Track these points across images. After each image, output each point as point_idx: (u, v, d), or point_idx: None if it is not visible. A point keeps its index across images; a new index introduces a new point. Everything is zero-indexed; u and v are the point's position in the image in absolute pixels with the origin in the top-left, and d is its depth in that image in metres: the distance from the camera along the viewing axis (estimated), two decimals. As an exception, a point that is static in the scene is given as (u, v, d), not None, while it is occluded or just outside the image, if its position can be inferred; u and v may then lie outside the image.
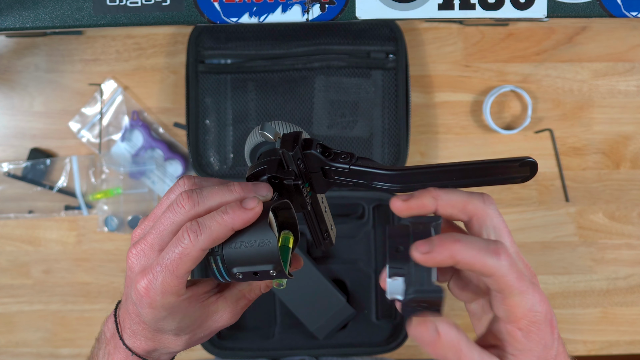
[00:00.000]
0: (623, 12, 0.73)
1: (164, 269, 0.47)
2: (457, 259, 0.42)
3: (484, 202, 0.45)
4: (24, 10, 0.71)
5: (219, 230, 0.46)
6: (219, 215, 0.47)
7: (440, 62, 1.00)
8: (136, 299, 0.49)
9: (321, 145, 0.50)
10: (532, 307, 0.43)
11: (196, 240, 0.46)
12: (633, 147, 1.01)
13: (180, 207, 0.48)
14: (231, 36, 0.95)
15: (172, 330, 0.51)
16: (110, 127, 1.00)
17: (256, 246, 0.48)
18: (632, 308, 1.02)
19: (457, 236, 0.42)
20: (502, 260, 0.42)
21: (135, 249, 0.50)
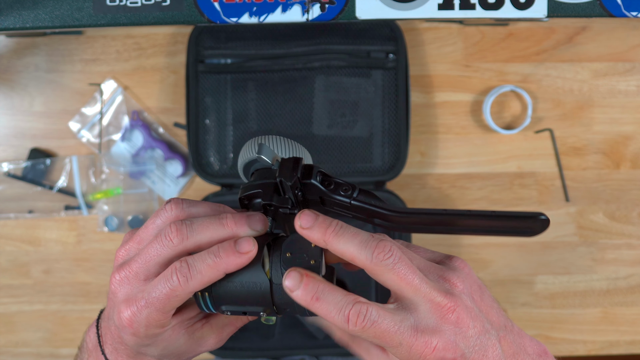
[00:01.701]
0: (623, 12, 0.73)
1: (149, 305, 0.45)
2: (313, 310, 0.45)
3: (372, 258, 0.44)
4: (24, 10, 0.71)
5: (210, 274, 0.45)
6: (211, 257, 0.45)
7: (440, 62, 1.00)
8: (119, 325, 0.47)
9: (322, 173, 0.47)
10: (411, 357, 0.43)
11: (186, 284, 0.44)
12: (633, 147, 1.01)
13: (169, 240, 0.46)
14: (231, 36, 0.95)
15: (155, 356, 0.49)
16: (110, 127, 1.00)
17: (247, 287, 0.46)
18: (632, 308, 1.02)
19: (320, 291, 0.45)
20: (352, 326, 0.43)
21: (119, 274, 0.47)
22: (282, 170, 0.46)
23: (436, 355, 0.43)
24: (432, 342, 0.43)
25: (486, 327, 0.45)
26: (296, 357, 0.97)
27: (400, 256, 0.44)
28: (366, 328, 0.43)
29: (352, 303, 0.44)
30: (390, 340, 0.43)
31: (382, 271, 0.44)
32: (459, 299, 0.44)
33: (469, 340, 0.44)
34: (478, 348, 0.45)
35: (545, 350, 0.49)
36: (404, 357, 0.44)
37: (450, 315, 0.44)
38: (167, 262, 0.46)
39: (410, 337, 0.43)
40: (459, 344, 0.44)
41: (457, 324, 0.44)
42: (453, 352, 0.44)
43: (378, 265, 0.44)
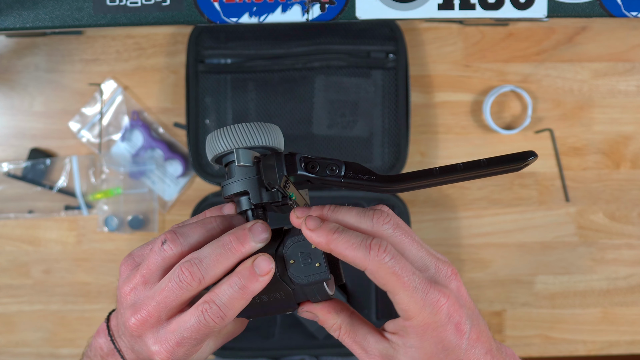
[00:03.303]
0: (623, 12, 0.73)
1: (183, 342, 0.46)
2: (331, 248, 0.44)
3: (373, 223, 0.45)
4: (24, 10, 0.71)
5: (240, 305, 0.45)
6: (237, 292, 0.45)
7: (440, 62, 1.00)
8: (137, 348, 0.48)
9: (304, 158, 0.47)
10: (425, 307, 0.43)
11: (222, 322, 0.45)
12: (633, 147, 1.01)
13: (186, 285, 0.45)
14: (231, 36, 0.95)
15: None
16: (110, 127, 1.00)
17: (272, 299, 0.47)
18: (632, 308, 1.02)
19: (340, 228, 0.44)
20: (373, 258, 0.43)
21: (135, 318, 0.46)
22: (267, 173, 0.46)
23: (447, 310, 0.44)
24: (445, 295, 0.44)
25: (477, 311, 0.47)
26: (296, 357, 0.97)
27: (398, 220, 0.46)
28: (386, 261, 0.43)
29: (372, 237, 0.44)
30: (407, 282, 0.43)
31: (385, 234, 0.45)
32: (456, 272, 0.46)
33: (467, 310, 0.45)
34: (475, 324, 0.45)
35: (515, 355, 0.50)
36: (415, 309, 0.44)
37: (454, 277, 0.45)
38: (187, 302, 0.46)
39: (426, 283, 0.44)
40: (462, 308, 0.45)
41: (459, 288, 0.45)
42: (459, 315, 0.44)
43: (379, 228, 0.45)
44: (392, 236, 0.45)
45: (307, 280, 0.46)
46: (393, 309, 1.00)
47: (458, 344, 0.44)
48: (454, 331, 0.44)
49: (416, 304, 0.43)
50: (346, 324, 0.48)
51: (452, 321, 0.44)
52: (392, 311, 1.00)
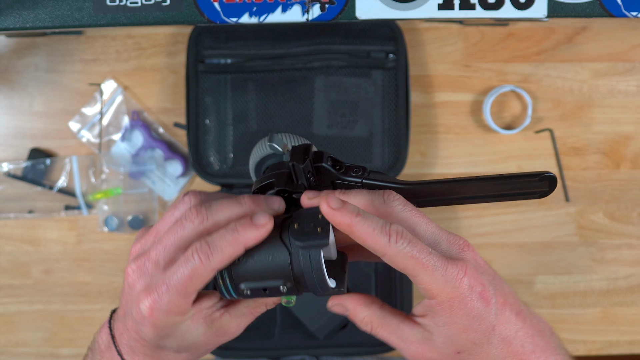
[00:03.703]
0: (623, 12, 0.73)
1: (170, 289, 0.45)
2: (352, 230, 0.44)
3: (385, 200, 0.46)
4: (24, 10, 0.71)
5: (230, 250, 0.45)
6: (230, 233, 0.45)
7: (440, 62, 1.00)
8: (138, 318, 0.47)
9: (332, 158, 0.49)
10: (446, 283, 0.44)
11: (207, 261, 0.44)
12: (633, 147, 1.01)
13: (189, 222, 0.46)
14: (231, 36, 0.95)
15: (174, 347, 0.49)
16: (110, 127, 1.00)
17: (267, 261, 0.46)
18: (632, 308, 1.02)
19: (361, 211, 0.45)
20: (393, 242, 0.44)
21: (136, 264, 0.47)
22: (294, 155, 0.48)
23: (468, 280, 0.44)
24: (463, 267, 0.44)
25: (497, 275, 0.47)
26: (296, 357, 0.97)
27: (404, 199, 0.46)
28: (404, 246, 0.44)
29: (391, 223, 0.45)
30: (425, 263, 0.44)
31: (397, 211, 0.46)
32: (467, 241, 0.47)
33: (488, 276, 0.46)
34: (498, 288, 0.46)
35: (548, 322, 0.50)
36: (439, 287, 0.44)
37: (467, 248, 0.46)
38: (187, 245, 0.46)
39: (443, 260, 0.44)
40: (482, 276, 0.45)
41: (475, 258, 0.46)
42: (480, 284, 0.45)
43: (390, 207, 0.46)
44: (402, 212, 0.46)
45: (305, 242, 0.45)
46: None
47: (486, 311, 0.45)
48: (480, 299, 0.45)
49: (437, 282, 0.44)
50: (377, 316, 0.48)
51: (475, 290, 0.44)
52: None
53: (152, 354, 0.50)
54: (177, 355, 0.50)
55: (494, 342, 0.46)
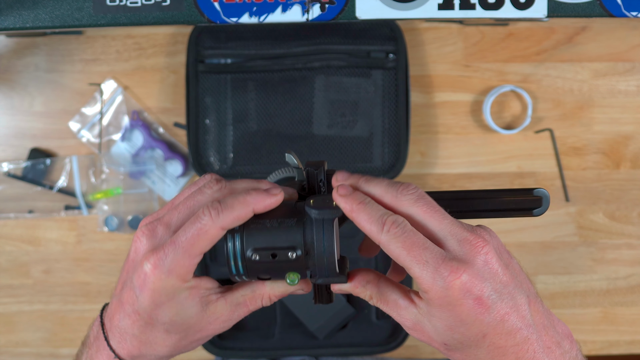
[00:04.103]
0: (623, 12, 0.73)
1: (177, 247, 0.46)
2: (352, 216, 0.46)
3: (397, 193, 0.47)
4: (24, 10, 0.71)
5: (240, 210, 0.46)
6: (242, 195, 0.47)
7: (440, 62, 1.00)
8: (138, 283, 0.47)
9: None
10: (436, 281, 0.44)
11: (217, 217, 0.46)
12: (633, 147, 1.01)
13: (208, 189, 0.48)
14: (231, 36, 0.95)
15: (165, 323, 0.48)
16: (110, 127, 1.00)
17: (279, 226, 0.47)
18: (632, 308, 1.02)
19: (366, 200, 0.47)
20: (384, 233, 0.45)
21: (146, 227, 0.47)
22: (309, 164, 0.51)
23: (462, 285, 0.43)
24: (459, 270, 0.44)
25: (516, 282, 0.46)
26: (296, 357, 0.97)
27: (424, 194, 0.47)
28: (397, 235, 0.44)
29: (391, 214, 0.46)
30: (417, 255, 0.44)
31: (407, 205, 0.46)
32: (490, 243, 0.45)
33: (496, 284, 0.44)
34: (506, 298, 0.45)
35: (571, 334, 0.49)
36: (428, 283, 0.44)
37: (481, 251, 0.45)
38: None
39: (438, 258, 0.44)
40: (485, 282, 0.44)
41: (487, 263, 0.45)
42: (479, 289, 0.44)
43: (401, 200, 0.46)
44: (412, 207, 0.46)
45: (320, 209, 0.47)
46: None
47: (479, 318, 0.44)
48: (473, 305, 0.44)
49: (428, 278, 0.44)
50: (375, 293, 0.49)
51: (470, 296, 0.43)
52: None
53: (141, 335, 0.49)
54: (165, 337, 0.49)
55: (482, 348, 0.45)
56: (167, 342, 0.50)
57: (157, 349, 0.50)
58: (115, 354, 0.50)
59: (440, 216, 0.46)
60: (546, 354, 0.46)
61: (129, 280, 0.48)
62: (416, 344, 1.01)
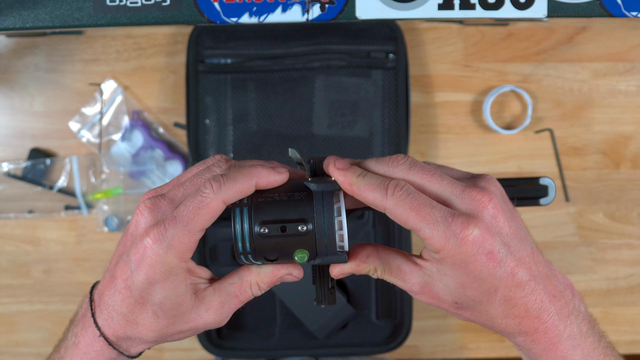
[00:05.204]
0: (623, 12, 0.73)
1: (177, 221, 0.45)
2: (353, 190, 0.45)
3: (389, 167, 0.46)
4: (24, 10, 0.71)
5: (242, 182, 0.45)
6: (246, 168, 0.46)
7: (440, 62, 1.00)
8: (135, 257, 0.46)
9: None
10: (448, 239, 0.43)
11: (219, 190, 0.45)
12: (633, 147, 1.01)
13: (217, 167, 0.48)
14: (231, 36, 0.95)
15: (155, 304, 0.47)
16: (110, 127, 1.00)
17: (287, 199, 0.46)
18: (632, 308, 1.02)
19: (363, 173, 0.46)
20: (389, 197, 0.44)
21: (150, 201, 0.47)
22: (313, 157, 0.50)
23: (474, 240, 0.43)
24: (470, 225, 0.43)
25: (520, 234, 0.46)
26: (296, 357, 0.97)
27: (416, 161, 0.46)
28: (402, 197, 0.44)
29: (392, 179, 0.45)
30: (426, 215, 0.43)
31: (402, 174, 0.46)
32: (493, 195, 0.45)
33: (504, 237, 0.44)
34: (514, 249, 0.45)
35: (572, 284, 0.49)
36: (440, 242, 0.43)
37: (487, 204, 0.44)
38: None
39: (447, 216, 0.43)
40: (495, 237, 0.44)
41: (494, 217, 0.44)
42: (490, 244, 0.43)
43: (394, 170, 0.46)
44: (408, 174, 0.46)
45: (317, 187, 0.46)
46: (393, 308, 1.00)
47: (491, 273, 0.44)
48: (486, 260, 0.43)
49: (439, 237, 0.43)
50: (378, 265, 0.48)
51: (482, 251, 0.43)
52: (392, 311, 1.01)
53: (129, 314, 0.48)
54: (153, 321, 0.48)
55: (494, 302, 0.45)
56: (153, 326, 0.49)
57: (142, 332, 0.49)
58: (101, 332, 0.49)
59: (439, 177, 0.45)
60: (552, 302, 0.46)
61: (125, 255, 0.48)
62: (416, 344, 1.01)
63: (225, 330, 0.96)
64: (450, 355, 1.02)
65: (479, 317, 0.47)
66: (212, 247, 0.95)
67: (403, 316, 0.95)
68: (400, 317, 0.96)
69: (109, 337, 0.49)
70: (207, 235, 0.94)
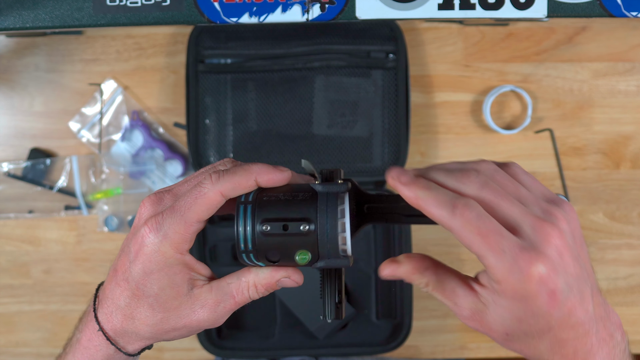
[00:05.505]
0: (623, 12, 0.73)
1: (175, 212, 0.45)
2: (419, 204, 0.43)
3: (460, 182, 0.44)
4: (24, 10, 0.71)
5: (241, 176, 0.45)
6: (247, 164, 0.46)
7: (440, 62, 1.00)
8: (134, 248, 0.46)
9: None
10: (513, 273, 0.41)
11: (217, 181, 0.45)
12: (633, 147, 1.01)
13: (222, 166, 0.48)
14: (231, 36, 0.95)
15: (150, 297, 0.48)
16: (110, 127, 1.00)
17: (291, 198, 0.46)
18: (632, 308, 1.02)
19: (430, 184, 0.43)
20: (457, 217, 0.41)
21: (155, 195, 0.47)
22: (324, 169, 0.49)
23: (540, 279, 0.41)
24: (538, 262, 0.41)
25: (584, 274, 0.44)
26: (296, 357, 0.97)
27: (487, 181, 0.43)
28: (471, 220, 0.41)
29: (462, 197, 0.42)
30: (494, 243, 0.41)
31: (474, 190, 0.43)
32: (563, 232, 0.42)
33: (568, 277, 0.42)
34: (576, 291, 0.43)
35: (621, 323, 0.48)
36: (504, 274, 0.41)
37: (555, 241, 0.42)
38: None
39: (515, 247, 0.41)
40: (560, 276, 0.42)
41: (561, 255, 0.42)
42: (554, 283, 0.41)
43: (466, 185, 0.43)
44: (478, 194, 0.43)
45: (322, 188, 0.46)
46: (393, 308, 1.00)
47: (549, 312, 0.42)
48: (547, 299, 0.42)
49: (504, 269, 0.41)
50: (433, 281, 0.46)
51: (545, 290, 0.41)
52: (392, 311, 1.00)
53: (126, 308, 0.49)
54: (148, 314, 0.48)
55: (545, 339, 0.44)
56: (149, 319, 0.49)
57: (139, 326, 0.49)
58: (100, 327, 0.50)
59: (510, 201, 0.43)
60: (601, 346, 0.45)
61: (126, 247, 0.48)
62: (416, 344, 1.01)
63: (225, 330, 0.96)
64: (450, 355, 1.02)
65: (526, 350, 0.46)
66: (212, 247, 0.95)
67: (403, 316, 0.95)
68: (400, 317, 0.96)
69: (108, 332, 0.50)
70: (207, 235, 0.94)
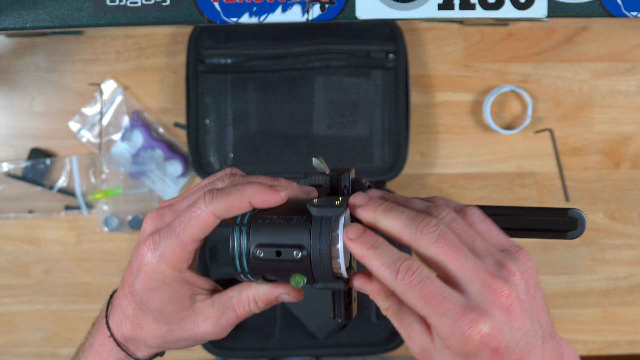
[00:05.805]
0: (623, 12, 0.73)
1: (170, 232, 0.46)
2: (364, 262, 0.43)
3: (416, 232, 0.43)
4: (24, 10, 0.71)
5: (235, 198, 0.45)
6: (242, 185, 0.45)
7: (440, 62, 1.00)
8: (136, 264, 0.47)
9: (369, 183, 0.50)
10: (454, 333, 0.41)
11: (210, 203, 0.45)
12: (633, 147, 1.01)
13: (220, 181, 0.48)
14: (231, 36, 0.95)
15: (154, 311, 0.48)
16: (110, 127, 1.00)
17: (286, 222, 0.45)
18: (632, 308, 1.02)
19: (377, 242, 0.43)
20: (399, 281, 0.42)
21: (156, 211, 0.48)
22: (335, 170, 0.49)
23: (481, 340, 0.41)
24: (480, 323, 0.41)
25: (534, 325, 0.44)
26: (296, 357, 0.97)
27: (445, 232, 0.43)
28: (413, 284, 0.42)
29: (405, 259, 0.43)
30: (435, 306, 0.41)
31: (426, 245, 0.43)
32: (514, 288, 0.43)
33: (515, 332, 0.43)
34: (522, 345, 0.43)
35: (577, 357, 0.47)
36: (446, 334, 0.42)
37: (503, 300, 0.42)
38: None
39: (457, 309, 0.41)
40: (504, 334, 0.42)
41: (508, 312, 0.42)
42: (498, 341, 0.42)
43: (420, 239, 0.43)
44: (431, 247, 0.43)
45: (317, 211, 0.45)
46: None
47: None
48: (489, 356, 0.42)
49: (446, 330, 0.42)
50: (394, 309, 0.46)
51: (487, 348, 0.42)
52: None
53: (134, 318, 0.50)
54: (154, 327, 0.49)
55: None
56: (155, 331, 0.50)
57: (146, 336, 0.50)
58: (111, 333, 0.51)
59: (463, 258, 0.43)
60: None
61: (131, 261, 0.49)
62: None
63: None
64: (450, 355, 1.02)
65: None
66: (212, 247, 0.95)
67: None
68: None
69: (118, 338, 0.51)
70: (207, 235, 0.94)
